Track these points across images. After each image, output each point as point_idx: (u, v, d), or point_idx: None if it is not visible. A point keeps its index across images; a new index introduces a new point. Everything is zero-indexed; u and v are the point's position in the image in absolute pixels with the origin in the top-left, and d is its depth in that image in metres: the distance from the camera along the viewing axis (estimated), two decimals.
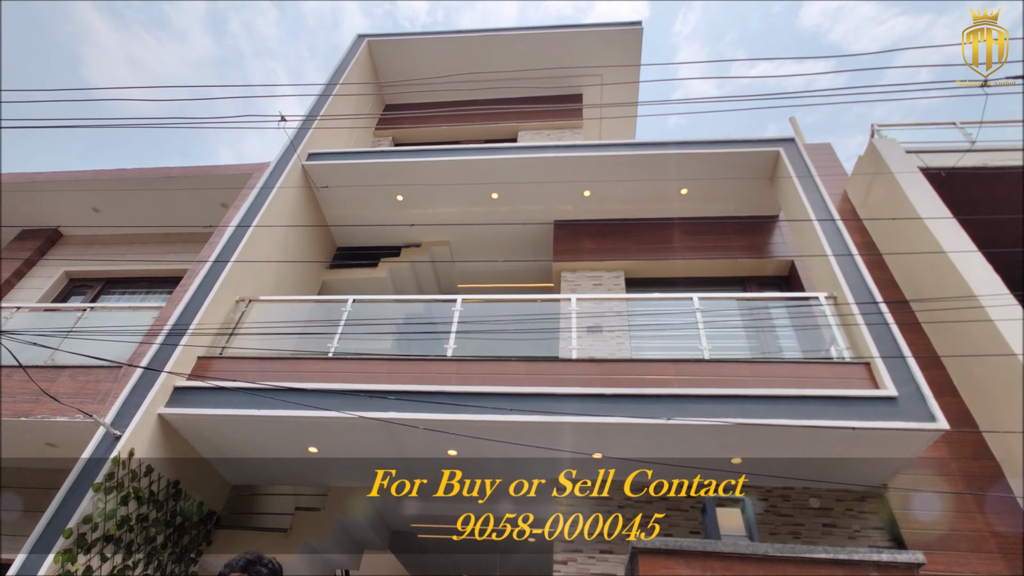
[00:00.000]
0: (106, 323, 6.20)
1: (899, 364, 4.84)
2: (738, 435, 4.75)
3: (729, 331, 5.70)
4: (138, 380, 5.20)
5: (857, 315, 5.19)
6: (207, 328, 5.71)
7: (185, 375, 5.43)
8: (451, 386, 5.10)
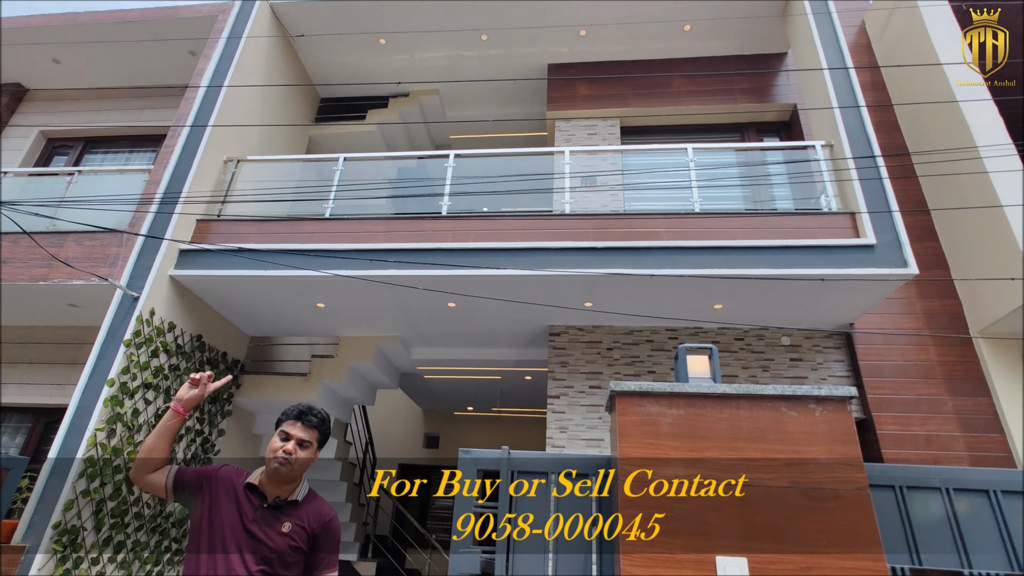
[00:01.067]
0: (97, 186, 6.18)
1: (883, 213, 4.97)
2: (721, 283, 5.05)
3: (723, 185, 5.73)
4: (143, 244, 5.36)
5: (852, 168, 5.19)
6: (200, 193, 5.72)
7: (187, 241, 5.57)
8: (447, 243, 5.28)
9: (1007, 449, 5.00)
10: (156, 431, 2.18)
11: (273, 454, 2.15)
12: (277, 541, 2.05)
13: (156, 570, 5.22)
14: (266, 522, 2.07)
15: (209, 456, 5.97)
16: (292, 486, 2.21)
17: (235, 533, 2.02)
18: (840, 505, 1.98)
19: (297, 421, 2.22)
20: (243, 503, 2.10)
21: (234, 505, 2.09)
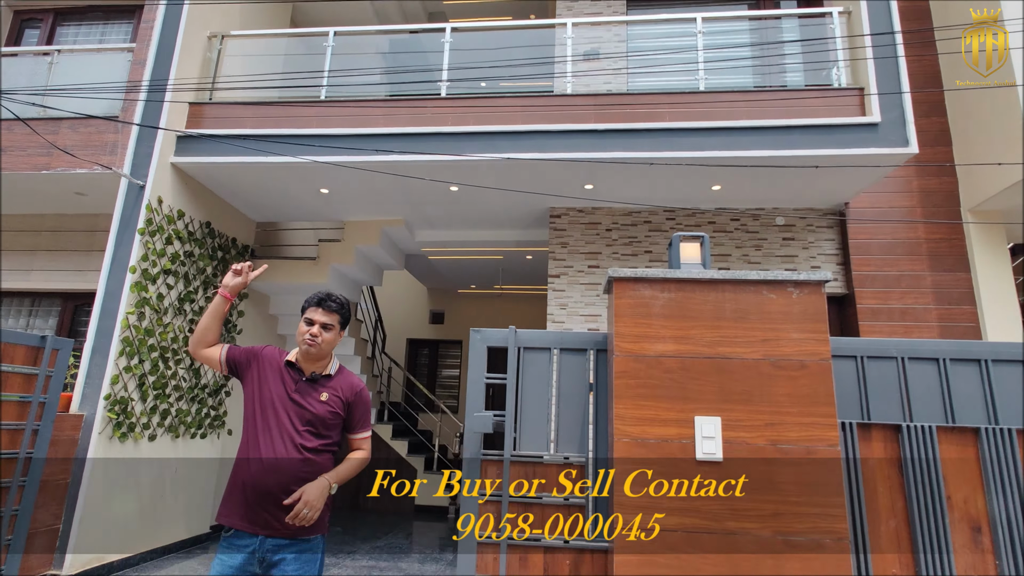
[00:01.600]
0: (80, 68, 5.94)
1: (891, 88, 4.87)
2: (721, 166, 5.08)
3: (731, 59, 5.50)
4: (140, 131, 5.30)
5: (867, 35, 4.97)
6: (188, 79, 5.52)
7: (182, 127, 5.49)
8: (448, 127, 5.22)
9: (975, 320, 5.38)
10: (208, 313, 2.43)
11: (301, 337, 2.41)
12: (317, 408, 2.38)
13: (199, 432, 5.86)
14: (307, 392, 2.39)
15: (233, 336, 6.40)
16: (324, 363, 2.50)
17: (283, 401, 2.34)
18: (805, 373, 2.27)
19: (318, 307, 2.45)
20: (286, 377, 2.40)
21: (279, 378, 2.39)
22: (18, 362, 3.78)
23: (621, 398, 2.33)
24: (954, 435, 2.33)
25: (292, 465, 2.27)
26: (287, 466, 2.26)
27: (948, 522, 2.22)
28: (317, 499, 2.19)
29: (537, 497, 2.58)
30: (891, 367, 2.54)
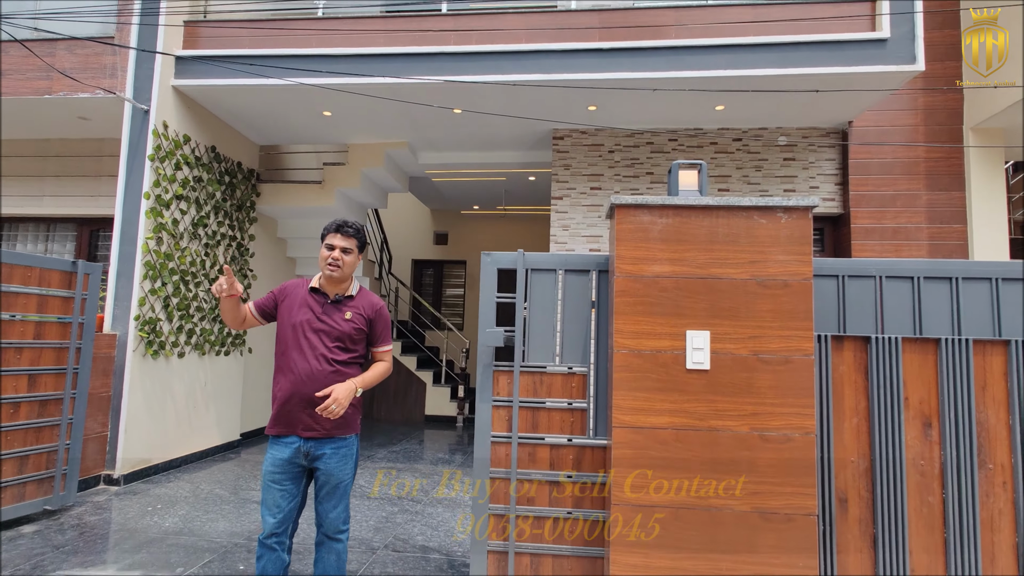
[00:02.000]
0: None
1: (902, 7, 4.75)
2: (726, 85, 5.06)
3: None
4: (139, 52, 5.22)
5: None
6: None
7: (179, 48, 5.40)
8: (450, 46, 5.14)
9: (964, 238, 5.56)
10: (224, 311, 2.62)
11: (324, 262, 2.62)
12: (343, 325, 2.64)
13: (223, 350, 6.23)
14: (332, 313, 2.64)
15: (246, 259, 6.62)
16: (345, 285, 2.72)
17: (312, 323, 2.60)
18: (787, 292, 2.50)
19: (337, 233, 2.63)
20: (311, 302, 2.64)
21: (305, 305, 2.63)
22: (54, 286, 4.02)
23: (620, 314, 2.58)
24: (917, 345, 2.60)
25: (324, 376, 2.56)
26: (320, 377, 2.56)
27: (904, 419, 2.54)
28: (344, 397, 2.50)
29: (541, 401, 2.91)
30: (869, 285, 2.77)
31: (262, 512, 2.56)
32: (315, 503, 2.62)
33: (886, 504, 2.50)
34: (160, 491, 4.73)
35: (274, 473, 2.54)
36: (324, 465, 2.57)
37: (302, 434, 2.55)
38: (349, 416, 2.63)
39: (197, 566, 3.29)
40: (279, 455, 2.55)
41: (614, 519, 2.49)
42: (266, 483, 2.55)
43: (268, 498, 2.54)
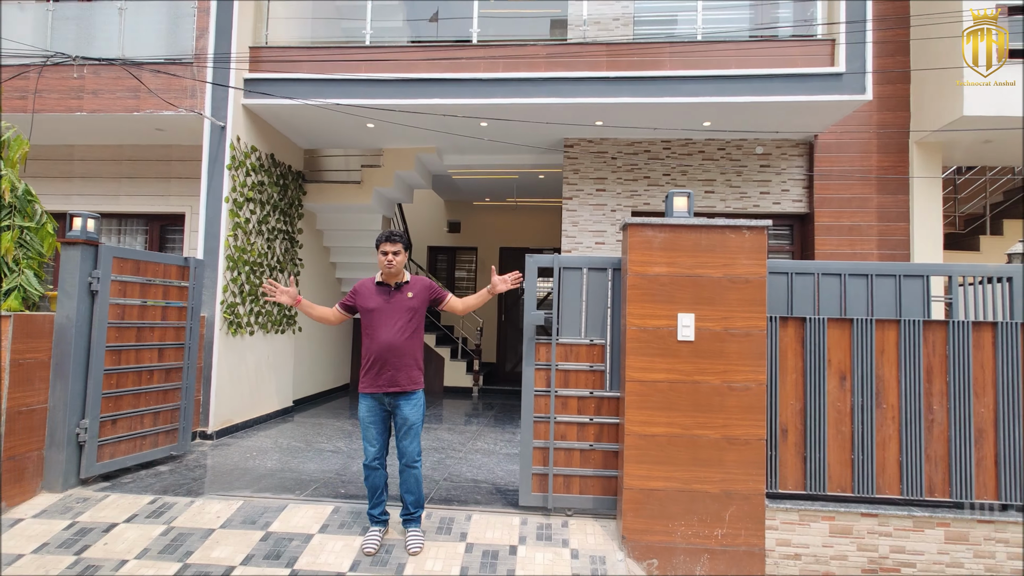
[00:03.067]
0: (136, 13, 6.55)
1: (858, 40, 5.76)
2: (712, 107, 6.07)
3: (726, 11, 6.28)
4: (215, 74, 6.13)
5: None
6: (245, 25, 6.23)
7: (246, 70, 6.30)
8: (480, 73, 6.09)
9: (907, 234, 6.68)
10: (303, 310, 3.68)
11: (382, 264, 3.53)
12: (408, 303, 3.56)
13: (279, 329, 7.25)
14: (397, 297, 3.55)
15: (296, 250, 7.59)
16: (400, 276, 3.62)
17: (384, 307, 3.51)
18: (749, 286, 3.56)
19: (387, 242, 3.52)
20: (379, 293, 3.56)
21: (376, 296, 3.55)
22: (174, 278, 5.02)
23: (632, 302, 3.64)
24: (839, 323, 3.69)
25: (400, 343, 3.50)
26: (397, 344, 3.49)
27: (827, 374, 3.64)
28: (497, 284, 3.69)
29: (576, 365, 3.99)
30: (811, 279, 3.86)
31: (364, 445, 3.53)
32: (396, 441, 3.58)
33: (813, 433, 3.61)
34: (247, 443, 5.79)
35: (368, 417, 3.52)
36: (401, 412, 3.49)
37: (385, 389, 3.48)
38: (415, 375, 3.57)
39: (309, 490, 4.37)
40: (370, 404, 3.52)
41: (628, 444, 3.59)
42: (364, 424, 3.53)
43: (367, 434, 3.52)
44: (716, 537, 3.49)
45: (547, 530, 3.77)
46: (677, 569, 3.49)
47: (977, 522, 3.42)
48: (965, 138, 6.51)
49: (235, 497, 4.16)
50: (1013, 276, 3.83)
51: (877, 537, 3.46)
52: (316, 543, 3.57)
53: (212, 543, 3.56)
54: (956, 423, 3.53)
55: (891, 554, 3.44)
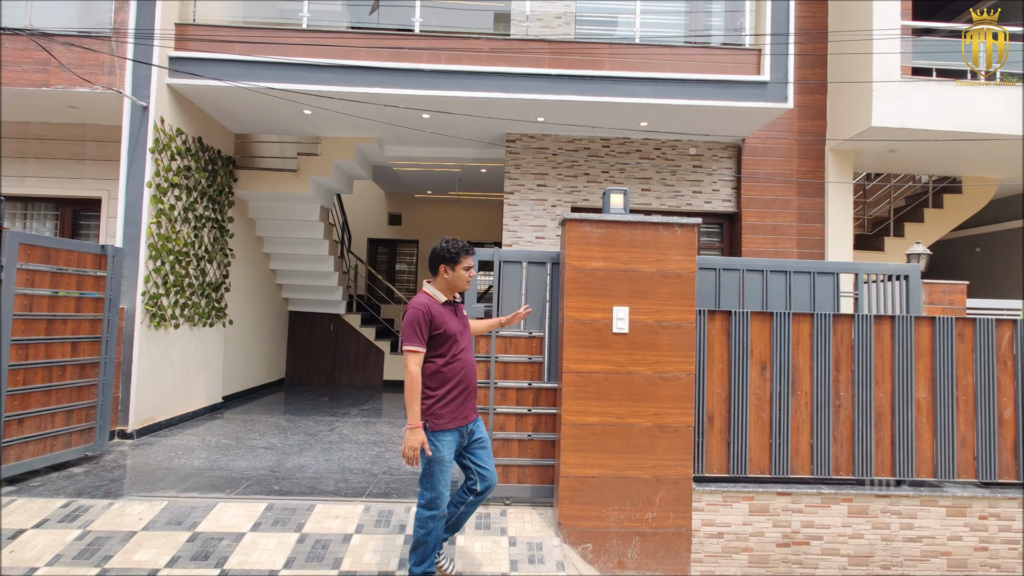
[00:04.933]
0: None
1: (782, 50, 6.13)
2: (649, 108, 6.28)
3: (664, 15, 6.53)
4: (135, 50, 5.74)
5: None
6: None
7: (171, 47, 5.95)
8: (423, 64, 6.03)
9: (822, 234, 7.19)
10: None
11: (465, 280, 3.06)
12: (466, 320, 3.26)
13: (208, 322, 6.92)
14: (462, 315, 3.21)
15: (226, 239, 7.26)
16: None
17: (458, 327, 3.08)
18: (679, 281, 3.74)
19: (469, 255, 3.13)
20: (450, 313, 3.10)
21: (451, 317, 3.04)
22: (88, 267, 4.69)
23: (569, 295, 3.75)
24: (760, 316, 3.94)
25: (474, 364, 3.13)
26: (474, 366, 3.12)
27: (749, 364, 3.89)
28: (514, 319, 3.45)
29: (515, 357, 4.05)
30: (736, 275, 4.10)
31: (440, 492, 2.91)
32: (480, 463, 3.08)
33: (736, 420, 3.85)
34: (172, 442, 5.51)
35: (450, 457, 2.94)
36: (479, 430, 3.12)
37: (472, 418, 3.05)
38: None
39: (240, 488, 4.22)
40: (453, 440, 2.96)
41: (564, 434, 3.69)
42: (445, 467, 2.92)
43: (446, 478, 2.94)
44: (647, 520, 3.66)
45: (486, 519, 3.83)
46: (610, 552, 3.64)
47: (875, 496, 3.76)
48: (873, 147, 7.07)
49: (159, 498, 3.96)
50: (910, 274, 4.23)
51: (790, 514, 3.74)
52: (248, 542, 3.47)
53: (134, 546, 3.38)
54: (859, 408, 3.86)
55: (802, 528, 3.73)
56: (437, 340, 2.95)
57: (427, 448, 2.85)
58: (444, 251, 3.01)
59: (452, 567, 3.21)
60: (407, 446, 2.79)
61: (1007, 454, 3.89)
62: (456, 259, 3.00)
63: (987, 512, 3.77)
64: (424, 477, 2.95)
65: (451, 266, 3.01)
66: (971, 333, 3.94)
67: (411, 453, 2.79)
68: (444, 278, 3.04)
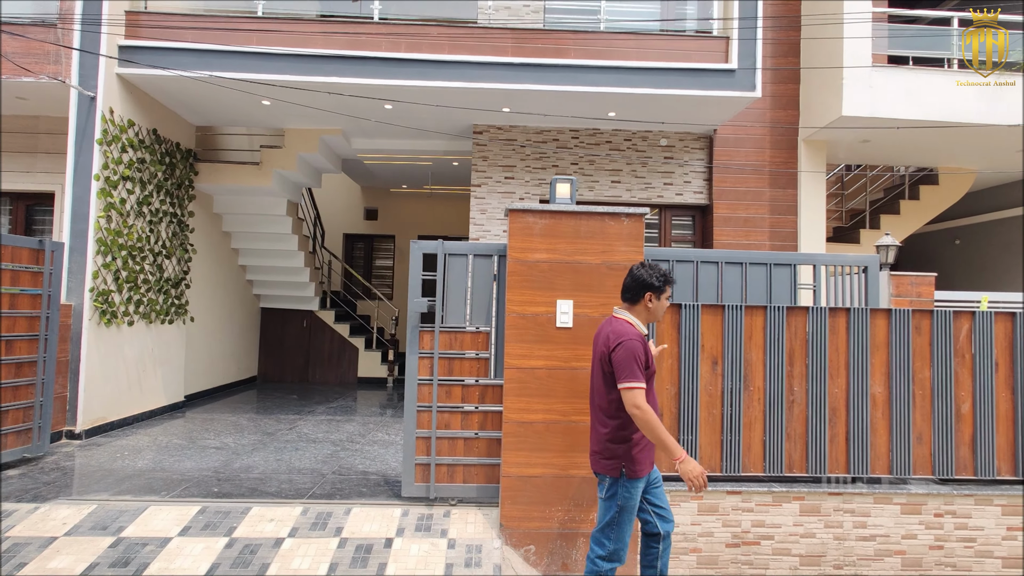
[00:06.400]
0: None
1: (750, 39, 5.98)
2: (615, 97, 6.13)
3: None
4: (83, 40, 5.56)
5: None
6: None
7: (122, 35, 5.77)
8: (382, 52, 5.87)
9: (795, 226, 7.06)
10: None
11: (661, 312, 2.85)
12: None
13: (167, 319, 6.75)
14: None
15: (186, 234, 7.08)
16: None
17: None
18: (626, 272, 3.61)
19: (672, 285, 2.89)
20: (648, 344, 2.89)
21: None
22: (25, 262, 4.52)
23: (511, 288, 3.60)
24: (712, 309, 3.80)
25: None
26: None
27: (700, 359, 3.75)
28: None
29: (455, 353, 3.91)
30: (691, 267, 3.96)
31: (625, 543, 2.72)
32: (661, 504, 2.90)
33: (686, 416, 3.72)
34: (121, 443, 5.36)
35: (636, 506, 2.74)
36: (655, 471, 2.93)
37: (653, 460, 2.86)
38: None
39: (178, 490, 4.08)
40: (642, 485, 2.75)
41: (507, 432, 3.56)
42: (632, 515, 2.73)
43: (631, 528, 2.73)
44: (592, 521, 3.53)
45: (428, 521, 3.70)
46: (554, 554, 3.51)
47: (828, 494, 3.64)
48: (846, 137, 6.94)
49: (88, 501, 3.81)
50: (869, 265, 4.10)
51: (741, 513, 3.62)
52: (173, 547, 3.33)
53: (52, 552, 3.24)
54: (813, 403, 3.74)
55: (753, 528, 3.61)
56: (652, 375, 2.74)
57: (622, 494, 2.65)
58: (651, 278, 2.76)
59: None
60: (692, 476, 2.52)
61: (964, 449, 3.77)
62: (663, 288, 2.79)
63: (943, 509, 3.66)
64: (609, 526, 2.70)
65: (657, 295, 2.78)
66: (928, 326, 3.81)
67: (701, 480, 2.53)
68: (648, 307, 2.80)
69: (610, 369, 2.69)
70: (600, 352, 2.77)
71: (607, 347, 2.70)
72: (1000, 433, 3.79)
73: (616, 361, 2.63)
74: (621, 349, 2.63)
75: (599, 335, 2.85)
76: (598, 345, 2.82)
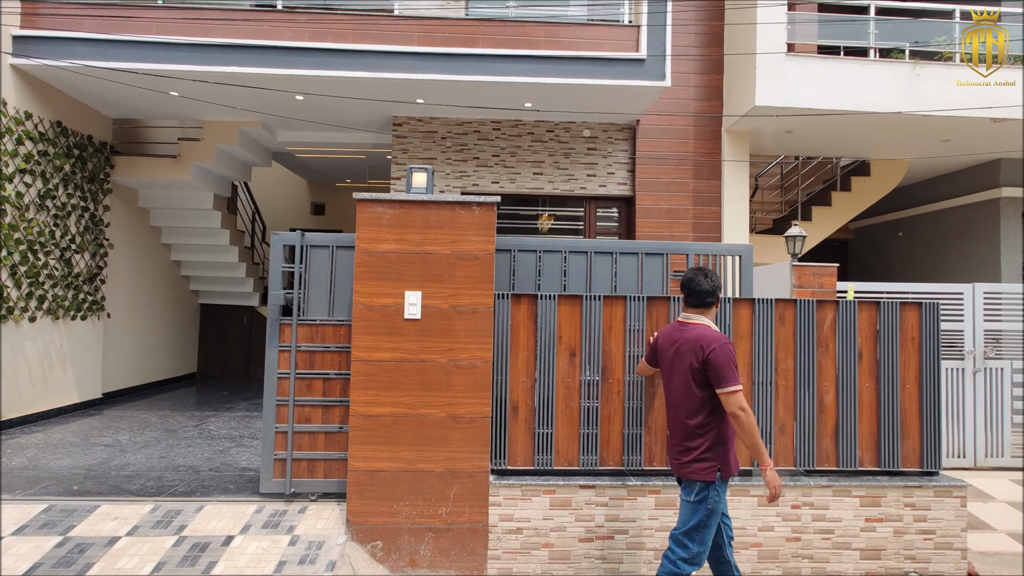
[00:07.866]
0: None
1: (660, 29, 5.90)
2: (528, 87, 6.03)
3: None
4: None
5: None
6: None
7: (17, 26, 5.64)
8: (284, 41, 5.75)
9: (719, 217, 6.99)
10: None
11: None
12: None
13: (79, 315, 6.64)
14: None
15: (100, 229, 6.96)
16: None
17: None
18: (476, 263, 3.52)
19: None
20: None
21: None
22: None
23: (359, 280, 3.52)
24: (570, 300, 3.72)
25: None
26: None
27: (557, 351, 3.68)
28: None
29: (316, 346, 3.82)
30: (533, 257, 3.89)
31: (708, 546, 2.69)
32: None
33: (543, 409, 3.65)
34: (13, 441, 5.25)
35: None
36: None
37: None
38: None
39: (35, 488, 3.98)
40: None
41: (353, 425, 3.48)
42: (718, 520, 2.72)
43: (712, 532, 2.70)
44: (440, 516, 3.46)
45: (279, 517, 3.62)
46: (401, 549, 3.44)
47: None
48: (768, 127, 6.86)
49: None
50: (743, 254, 4.03)
51: (594, 507, 3.55)
52: (3, 547, 3.23)
53: None
54: None
55: (606, 522, 3.54)
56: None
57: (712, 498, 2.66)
58: (715, 287, 2.82)
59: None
60: (775, 484, 2.61)
61: (827, 440, 3.71)
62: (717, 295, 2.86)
63: (800, 501, 3.60)
64: (696, 529, 2.67)
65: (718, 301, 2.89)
66: (792, 316, 3.75)
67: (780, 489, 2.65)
68: (715, 312, 2.95)
69: (702, 376, 2.67)
70: (688, 361, 2.71)
71: (698, 354, 2.67)
72: (863, 423, 3.73)
73: (715, 365, 2.61)
74: (719, 353, 2.62)
75: (673, 343, 2.83)
76: (679, 354, 2.77)
